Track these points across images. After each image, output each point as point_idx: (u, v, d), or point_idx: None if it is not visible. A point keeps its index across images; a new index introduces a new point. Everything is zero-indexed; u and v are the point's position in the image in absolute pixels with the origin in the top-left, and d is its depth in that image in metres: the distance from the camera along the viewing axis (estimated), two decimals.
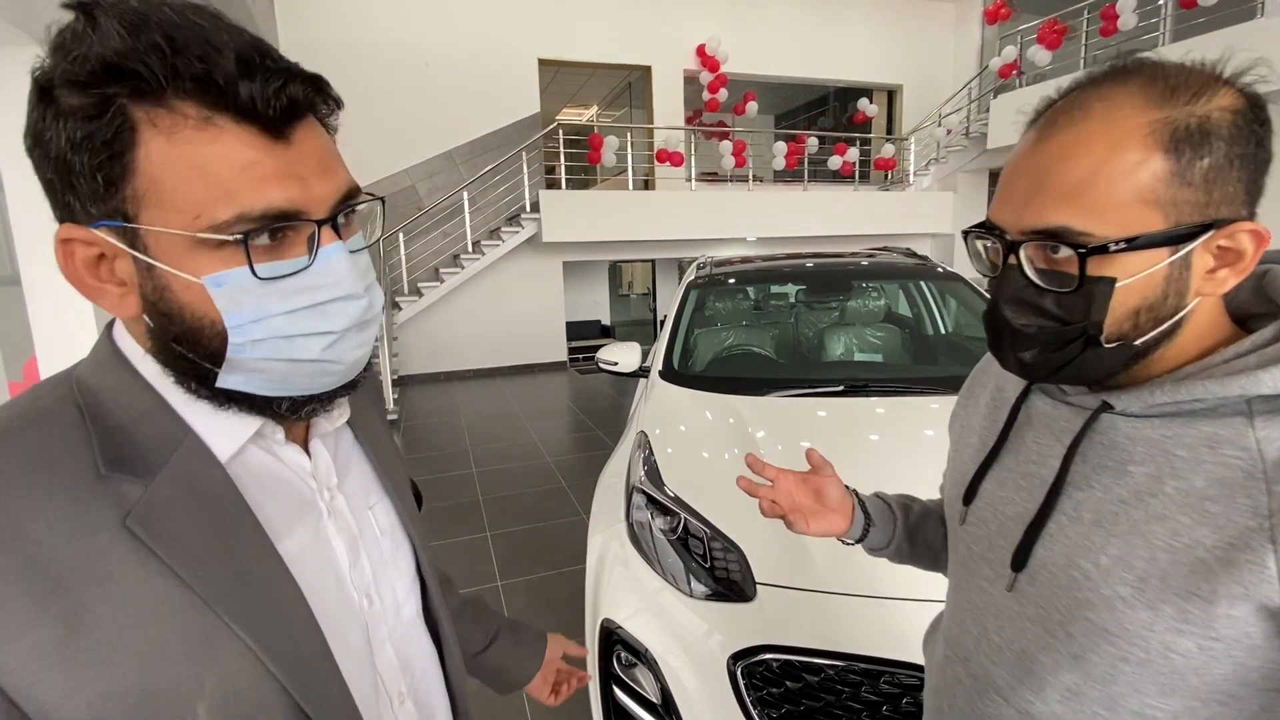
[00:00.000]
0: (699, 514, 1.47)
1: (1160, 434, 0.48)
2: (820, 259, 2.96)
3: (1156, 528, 0.46)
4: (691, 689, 1.24)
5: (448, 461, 4.54)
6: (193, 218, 0.37)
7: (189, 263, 0.38)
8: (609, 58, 8.29)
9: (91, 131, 0.36)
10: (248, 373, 0.42)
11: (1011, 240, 0.49)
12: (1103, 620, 0.48)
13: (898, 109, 10.24)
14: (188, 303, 0.39)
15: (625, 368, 2.46)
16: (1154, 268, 0.45)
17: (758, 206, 8.33)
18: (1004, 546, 0.57)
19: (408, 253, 7.36)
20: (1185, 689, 0.46)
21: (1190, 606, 0.44)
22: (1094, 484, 0.51)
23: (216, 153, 0.37)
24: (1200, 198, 0.43)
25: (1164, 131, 0.43)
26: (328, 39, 6.99)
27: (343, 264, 0.42)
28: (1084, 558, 0.50)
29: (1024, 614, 0.54)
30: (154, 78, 0.35)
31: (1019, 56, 8.16)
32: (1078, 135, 0.45)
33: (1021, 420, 0.60)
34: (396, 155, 7.44)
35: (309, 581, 0.44)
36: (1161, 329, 0.47)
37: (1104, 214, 0.44)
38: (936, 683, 0.67)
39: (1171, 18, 6.85)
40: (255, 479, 0.45)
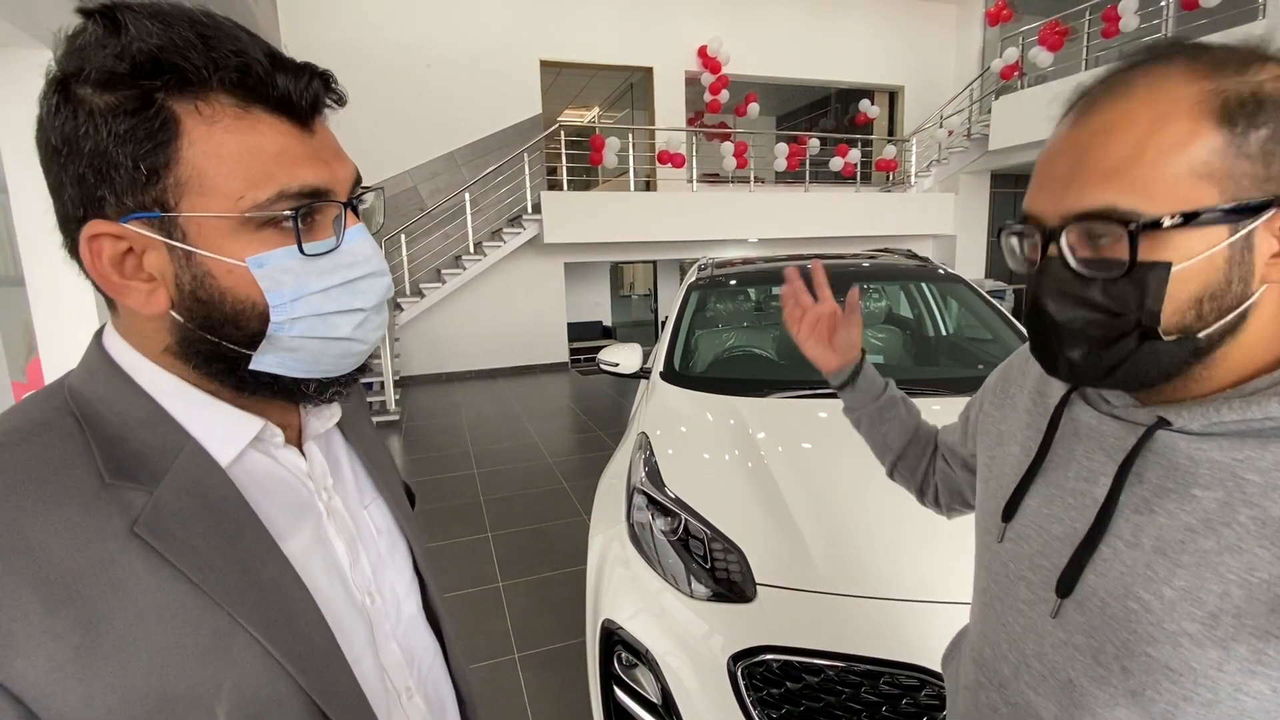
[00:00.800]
0: (699, 515, 1.47)
1: (1229, 457, 0.43)
2: (821, 260, 2.97)
3: (1230, 560, 0.42)
4: (692, 689, 1.25)
5: (449, 462, 4.55)
6: (235, 200, 0.39)
7: (230, 247, 0.40)
8: (610, 59, 8.30)
9: (134, 125, 0.37)
10: (282, 352, 0.43)
11: (1051, 229, 0.45)
12: (1165, 657, 0.44)
13: (899, 110, 10.24)
14: (229, 286, 0.41)
15: (626, 369, 2.47)
16: (1213, 249, 0.40)
17: (759, 208, 8.33)
18: (1047, 568, 0.53)
19: (409, 253, 7.38)
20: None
21: (1267, 647, 0.40)
22: (1155, 508, 0.46)
23: (255, 140, 0.39)
24: (1259, 170, 0.39)
25: (1214, 100, 0.39)
26: (330, 40, 7.00)
27: (367, 243, 0.46)
28: (1145, 588, 0.46)
29: (1071, 642, 0.50)
30: (196, 71, 0.37)
31: (1020, 58, 8.16)
32: (1120, 111, 0.42)
33: (1066, 430, 0.55)
34: (398, 156, 7.45)
35: (314, 581, 0.45)
36: (1226, 321, 0.42)
37: (1153, 190, 0.40)
38: (966, 707, 0.63)
39: (1173, 19, 6.85)
40: (255, 482, 0.45)
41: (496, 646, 2.34)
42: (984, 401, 0.70)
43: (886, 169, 9.54)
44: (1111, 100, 0.42)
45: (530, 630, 2.44)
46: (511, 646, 2.34)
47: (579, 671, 2.13)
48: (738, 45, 8.61)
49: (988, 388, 0.71)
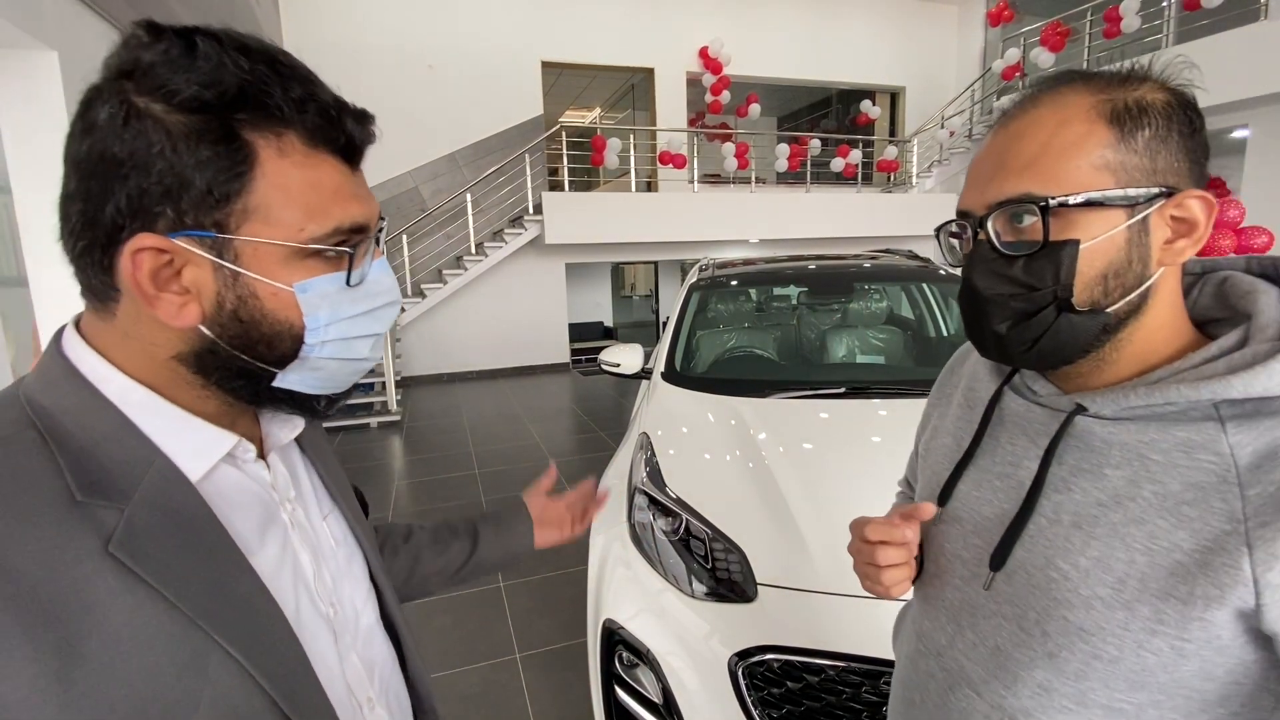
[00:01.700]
0: (700, 515, 1.47)
1: (1136, 438, 0.49)
2: (822, 261, 2.97)
3: (1135, 531, 0.48)
4: (693, 689, 1.25)
5: (450, 462, 4.55)
6: (297, 230, 0.42)
7: (279, 272, 0.42)
8: (612, 60, 8.31)
9: (215, 154, 0.39)
10: (306, 372, 0.45)
11: (979, 218, 0.51)
12: (1079, 619, 0.50)
13: (900, 111, 10.24)
14: (272, 309, 0.42)
15: (628, 369, 2.47)
16: (1114, 229, 0.47)
17: (760, 208, 8.33)
18: (980, 546, 0.58)
19: (411, 254, 7.39)
20: (1153, 684, 0.48)
21: (1166, 608, 0.46)
22: (1072, 487, 0.52)
23: (317, 177, 0.42)
24: (1146, 164, 0.47)
25: (1105, 107, 0.47)
26: (331, 41, 7.02)
27: (388, 275, 0.49)
28: (1063, 559, 0.51)
29: (999, 612, 0.56)
30: (280, 110, 0.40)
31: (1022, 59, 8.17)
32: (1030, 119, 0.50)
33: (995, 421, 0.61)
34: (400, 157, 7.47)
35: (283, 594, 0.45)
36: (1130, 298, 0.49)
37: (1059, 178, 0.47)
38: (907, 674, 0.68)
39: (1175, 19, 6.84)
40: (225, 496, 0.45)
41: (498, 646, 2.34)
42: (926, 405, 0.77)
43: (888, 170, 9.54)
44: (1023, 112, 0.50)
45: (531, 630, 2.44)
46: (513, 646, 2.34)
47: (580, 671, 2.14)
48: (739, 46, 8.61)
49: (931, 393, 0.77)
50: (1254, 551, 0.43)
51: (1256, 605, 0.43)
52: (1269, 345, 0.46)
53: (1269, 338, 0.47)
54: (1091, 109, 0.47)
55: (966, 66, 9.95)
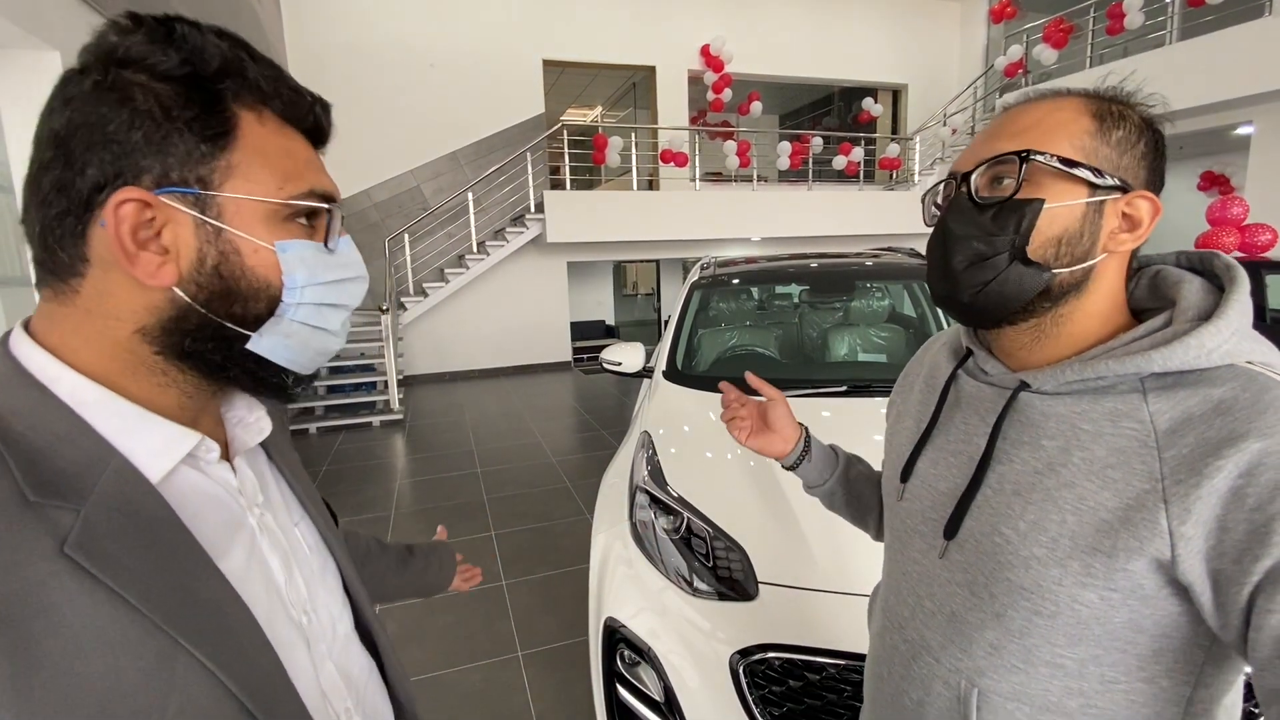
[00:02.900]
0: (702, 513, 1.47)
1: (1070, 410, 0.55)
2: (824, 259, 2.96)
3: (1066, 494, 0.53)
4: (694, 687, 1.25)
5: (452, 461, 4.56)
6: (276, 189, 0.44)
7: (261, 231, 0.44)
8: (613, 58, 8.30)
9: (201, 114, 0.41)
10: (279, 336, 0.46)
11: (965, 173, 0.57)
12: (1019, 579, 0.54)
13: (902, 108, 10.21)
14: (252, 266, 0.44)
15: (629, 368, 2.47)
16: (1075, 200, 0.53)
17: (762, 206, 8.32)
18: (936, 519, 0.63)
19: (413, 253, 7.39)
20: (1090, 638, 0.52)
21: (1094, 562, 0.50)
22: (1014, 458, 0.57)
23: (292, 146, 0.46)
24: (1114, 157, 0.53)
25: (1091, 106, 0.55)
26: (333, 41, 7.03)
27: (354, 250, 0.51)
28: (1005, 524, 0.56)
29: (954, 579, 0.60)
30: (257, 89, 0.44)
31: (1025, 55, 8.14)
32: (1027, 107, 0.57)
33: (950, 402, 0.66)
34: (402, 156, 7.47)
35: (254, 599, 0.44)
36: (1074, 270, 0.54)
37: (1042, 145, 0.53)
38: (876, 651, 0.72)
39: (1179, 16, 6.81)
40: (187, 499, 0.44)
41: (500, 644, 2.35)
42: (893, 394, 0.83)
43: (890, 167, 9.52)
44: (1020, 104, 0.58)
45: (533, 628, 2.44)
46: (515, 644, 2.35)
47: (581, 669, 2.14)
48: (740, 44, 8.60)
49: (896, 383, 0.83)
50: (1169, 506, 0.47)
51: (1172, 556, 0.47)
52: (1187, 325, 0.52)
53: (1188, 319, 0.52)
54: (1081, 105, 0.55)
55: (969, 63, 9.92)
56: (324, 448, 5.08)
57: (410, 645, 2.36)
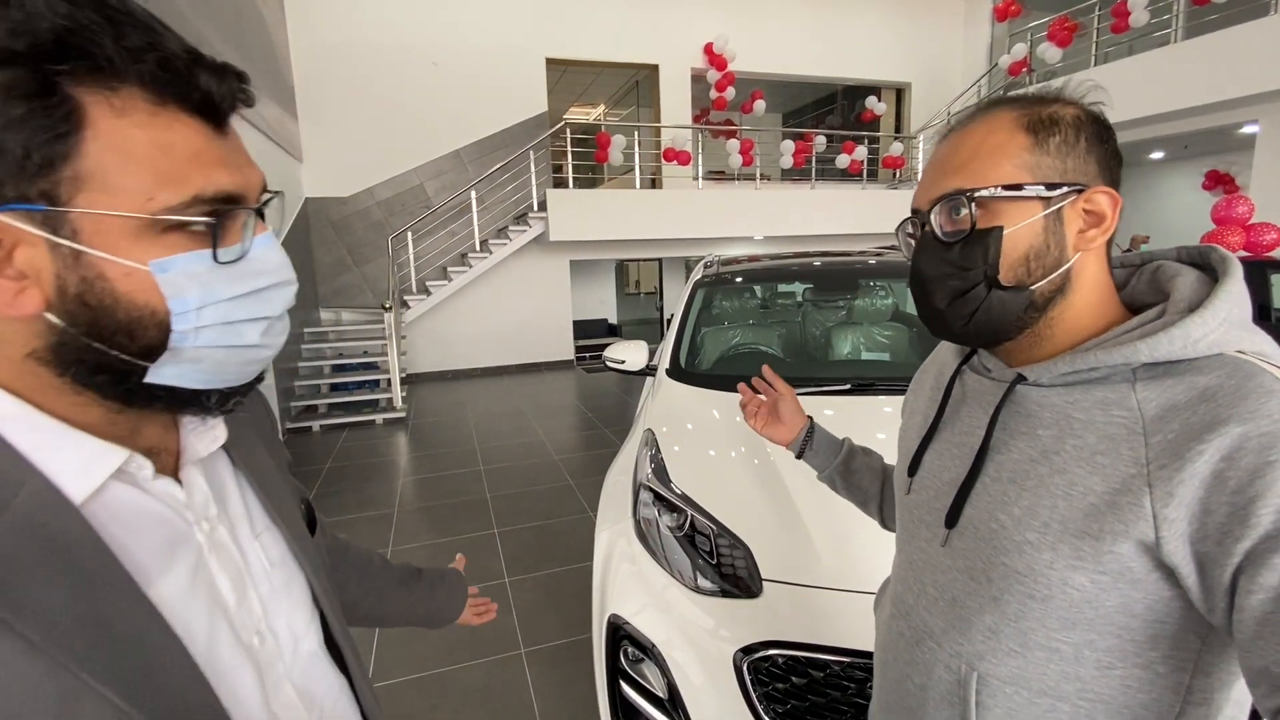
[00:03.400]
0: (706, 511, 1.48)
1: (1063, 400, 0.56)
2: (828, 258, 2.96)
3: (1057, 480, 0.54)
4: (698, 684, 1.25)
5: (455, 459, 4.57)
6: (145, 200, 0.36)
7: (131, 249, 0.36)
8: (616, 56, 8.29)
9: (30, 111, 0.33)
10: (184, 364, 0.40)
11: (924, 213, 0.60)
12: (1014, 563, 0.56)
13: (906, 107, 10.19)
14: (125, 292, 0.37)
15: (632, 366, 2.47)
16: (1032, 218, 0.55)
17: (765, 205, 8.31)
18: (940, 509, 0.65)
19: (416, 251, 7.40)
20: (1083, 622, 0.53)
21: (1083, 545, 0.52)
22: (1010, 447, 0.59)
23: (168, 139, 0.37)
24: (1057, 164, 0.55)
25: (1023, 120, 0.56)
26: (337, 39, 7.03)
27: (276, 252, 0.44)
28: (1001, 511, 0.58)
29: (955, 566, 0.62)
30: (109, 59, 0.35)
31: (1029, 54, 8.11)
32: (966, 132, 0.59)
33: (956, 397, 0.68)
34: (404, 155, 7.48)
35: (189, 627, 0.41)
36: (1051, 278, 0.56)
37: (985, 176, 0.56)
38: (883, 638, 0.75)
39: (1184, 14, 6.78)
40: (118, 519, 0.40)
41: (503, 642, 2.35)
42: (906, 394, 0.85)
43: (893, 166, 9.50)
44: (961, 127, 0.60)
45: (536, 625, 2.45)
46: (518, 641, 2.35)
47: (584, 666, 2.14)
48: (744, 42, 8.58)
49: (910, 385, 0.85)
50: (1154, 490, 0.49)
51: (1156, 538, 0.49)
52: (1177, 315, 0.53)
53: (1179, 310, 0.53)
54: (1013, 121, 0.56)
55: (973, 62, 9.89)
56: (327, 445, 5.09)
57: (413, 641, 2.36)
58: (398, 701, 2.06)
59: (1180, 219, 9.51)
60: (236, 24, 5.08)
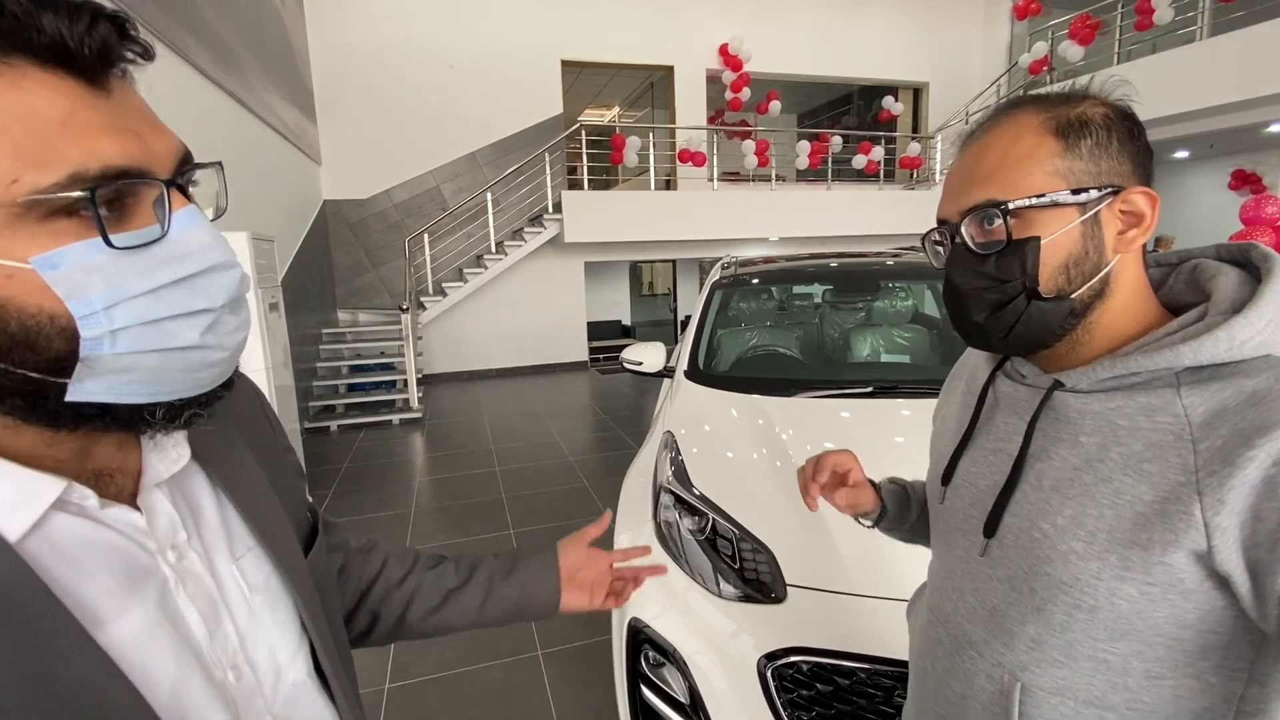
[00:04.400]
0: (728, 514, 1.46)
1: (1105, 407, 0.55)
2: (846, 259, 2.93)
3: (1103, 488, 0.53)
4: (721, 690, 1.24)
5: (471, 460, 4.59)
6: (8, 184, 0.30)
7: (4, 245, 0.30)
8: (631, 58, 8.30)
9: None
10: (109, 375, 0.34)
11: (955, 225, 0.58)
12: (1059, 573, 0.54)
13: (924, 107, 10.09)
14: (10, 297, 0.31)
15: (650, 368, 2.46)
16: (1070, 225, 0.53)
17: (780, 206, 8.27)
18: (977, 517, 0.63)
19: (432, 253, 7.46)
20: (1132, 633, 0.52)
21: (1131, 555, 0.50)
22: (1051, 455, 0.57)
23: (23, 103, 0.30)
24: (1090, 168, 0.53)
25: (1051, 124, 0.54)
26: (355, 41, 7.11)
27: (204, 230, 0.37)
28: (1044, 519, 0.56)
29: (995, 575, 0.61)
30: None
31: (1050, 52, 7.99)
32: (991, 137, 0.57)
33: (989, 403, 0.67)
34: (421, 157, 7.54)
35: (149, 670, 0.37)
36: (1091, 284, 0.55)
37: (1017, 185, 0.54)
38: (920, 644, 0.73)
39: (1209, 11, 6.65)
40: (62, 555, 0.35)
41: (520, 643, 2.35)
42: (939, 401, 0.83)
43: (910, 166, 9.41)
44: (985, 132, 0.58)
45: (553, 627, 2.45)
46: (535, 643, 2.35)
47: (601, 669, 2.14)
48: (759, 43, 8.55)
49: (942, 390, 0.83)
50: (1204, 498, 0.47)
51: (1209, 547, 0.47)
52: (1220, 318, 0.51)
53: (1221, 311, 0.52)
54: (1040, 125, 0.54)
55: (992, 61, 9.77)
56: (345, 445, 5.13)
57: (430, 643, 2.37)
58: (415, 702, 2.07)
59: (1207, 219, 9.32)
60: (258, 28, 5.15)
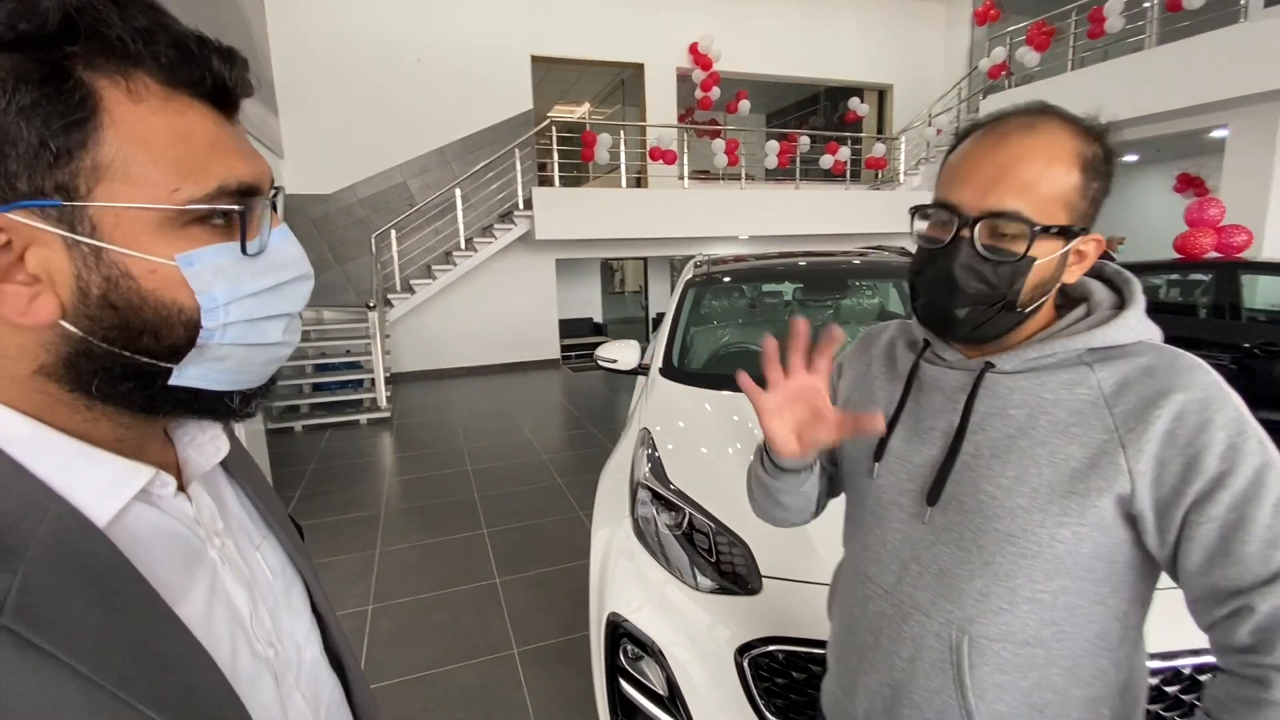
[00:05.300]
0: (704, 509, 1.48)
1: (1031, 384, 0.65)
2: (815, 258, 2.99)
3: (1040, 451, 0.62)
4: (699, 680, 1.26)
5: (443, 459, 4.53)
6: (170, 191, 0.35)
7: (155, 244, 0.35)
8: (602, 55, 8.28)
9: (42, 97, 0.31)
10: (209, 363, 0.39)
11: (971, 217, 0.61)
12: (1007, 527, 0.62)
13: (888, 108, 10.31)
14: (151, 289, 0.35)
15: (625, 365, 2.47)
16: (1057, 254, 0.62)
17: (750, 205, 8.36)
18: (914, 490, 0.70)
19: (400, 250, 7.33)
20: (1063, 571, 0.61)
21: (1070, 503, 0.60)
22: (987, 427, 0.66)
23: (185, 126, 0.35)
24: (1088, 209, 0.62)
25: (1081, 158, 0.60)
26: (316, 32, 6.93)
27: (295, 245, 0.43)
28: (989, 483, 0.64)
29: (940, 540, 0.67)
30: (123, 43, 0.33)
31: (1008, 58, 8.24)
32: (1031, 145, 0.60)
33: (915, 388, 0.74)
34: (388, 152, 7.40)
35: (216, 644, 0.40)
36: (1039, 302, 0.65)
37: (1043, 206, 0.60)
38: (863, 621, 0.75)
39: (1158, 20, 6.95)
40: (140, 540, 0.38)
41: (495, 642, 2.34)
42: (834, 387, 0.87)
43: (876, 167, 9.61)
44: (1024, 136, 0.61)
45: (529, 625, 2.44)
46: (510, 642, 2.34)
47: (578, 666, 2.15)
48: (729, 42, 8.62)
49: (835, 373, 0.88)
50: (1127, 450, 0.58)
51: (1132, 489, 0.58)
52: (1110, 312, 0.65)
53: (1106, 308, 0.66)
54: (1076, 155, 0.60)
55: (953, 65, 10.03)
56: (310, 446, 5.02)
57: (405, 644, 2.35)
58: (391, 705, 2.05)
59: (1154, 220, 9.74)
60: (212, 15, 4.98)
